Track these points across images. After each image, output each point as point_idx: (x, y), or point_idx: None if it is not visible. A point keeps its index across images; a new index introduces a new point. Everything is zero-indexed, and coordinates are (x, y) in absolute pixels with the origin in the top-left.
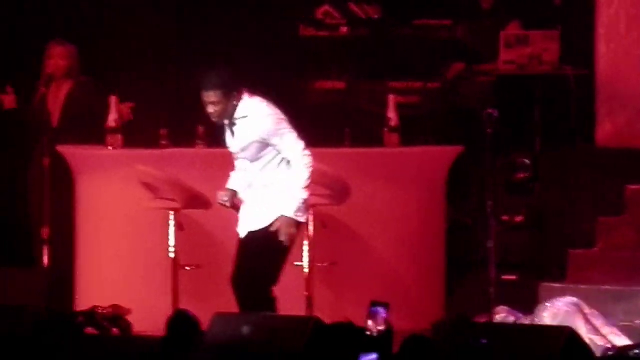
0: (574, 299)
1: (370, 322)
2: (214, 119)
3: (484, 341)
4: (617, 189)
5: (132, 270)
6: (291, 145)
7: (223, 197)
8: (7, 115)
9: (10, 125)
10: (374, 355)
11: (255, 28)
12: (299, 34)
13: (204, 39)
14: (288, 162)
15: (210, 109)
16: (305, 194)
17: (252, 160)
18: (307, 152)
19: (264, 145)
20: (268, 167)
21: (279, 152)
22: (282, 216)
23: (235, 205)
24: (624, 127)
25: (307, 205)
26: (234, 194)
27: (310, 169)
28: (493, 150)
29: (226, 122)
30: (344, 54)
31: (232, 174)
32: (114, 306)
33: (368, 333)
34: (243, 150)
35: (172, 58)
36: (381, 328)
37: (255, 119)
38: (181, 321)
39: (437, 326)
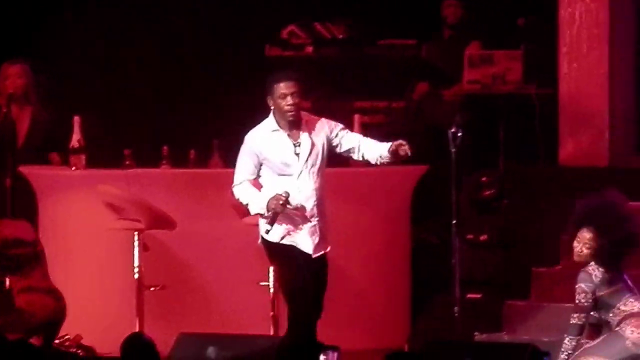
0: None
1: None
2: (293, 112)
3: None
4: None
5: (97, 291)
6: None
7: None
8: None
9: None
10: None
11: (221, 48)
12: (264, 54)
13: (169, 59)
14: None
15: (290, 100)
16: None
17: (320, 169)
18: None
19: (329, 146)
20: (324, 178)
21: (345, 141)
22: None
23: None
24: (587, 145)
25: None
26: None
27: None
28: (458, 169)
29: (289, 136)
30: (310, 73)
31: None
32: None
33: None
34: (316, 157)
35: (137, 78)
36: None
37: (314, 122)
38: (136, 343)
39: (414, 344)
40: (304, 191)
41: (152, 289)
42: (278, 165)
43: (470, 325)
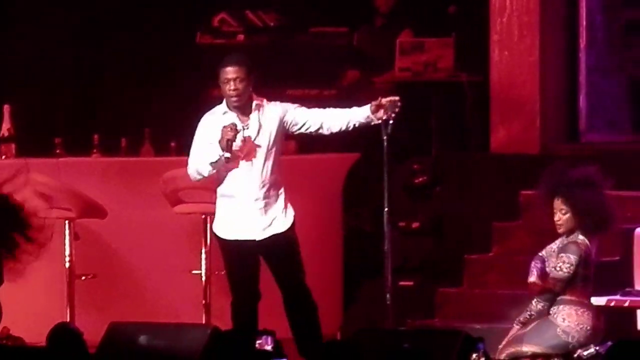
0: None
1: (258, 342)
2: (234, 97)
3: (407, 346)
4: (512, 195)
5: (27, 280)
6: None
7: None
8: None
9: None
10: None
11: (152, 36)
12: (195, 41)
13: (100, 47)
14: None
15: (232, 86)
16: None
17: (269, 154)
18: None
19: (282, 130)
20: (277, 162)
21: (301, 119)
22: None
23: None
24: (518, 133)
25: None
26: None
27: None
28: (390, 156)
29: (237, 118)
30: None
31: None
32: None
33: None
34: (264, 140)
35: (67, 66)
36: (269, 348)
37: (269, 107)
38: (62, 333)
39: (347, 332)
40: (251, 174)
41: (83, 278)
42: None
43: (402, 313)
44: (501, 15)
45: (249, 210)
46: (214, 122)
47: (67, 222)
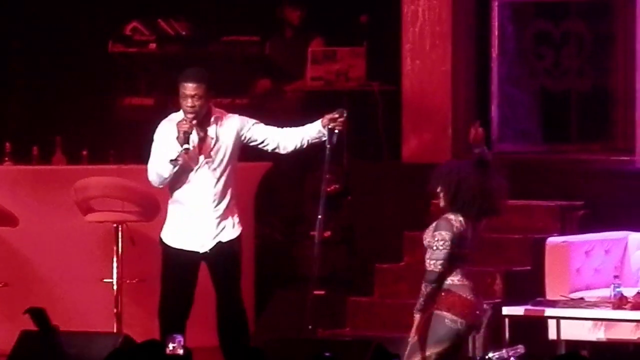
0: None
1: (170, 346)
2: (190, 114)
3: (328, 354)
4: (423, 204)
5: None
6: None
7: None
8: None
9: None
10: None
11: (64, 44)
12: (108, 50)
13: (10, 53)
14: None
15: (190, 103)
16: None
17: (224, 166)
18: None
19: (238, 143)
20: (231, 175)
21: (257, 135)
22: None
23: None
24: (430, 142)
25: None
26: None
27: None
28: (302, 165)
29: (195, 130)
30: (153, 70)
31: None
32: None
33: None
34: (220, 152)
35: None
36: (181, 352)
37: (227, 120)
38: None
39: (258, 341)
40: (201, 185)
41: None
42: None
43: (314, 322)
44: (413, 24)
45: (198, 220)
46: (171, 128)
47: None
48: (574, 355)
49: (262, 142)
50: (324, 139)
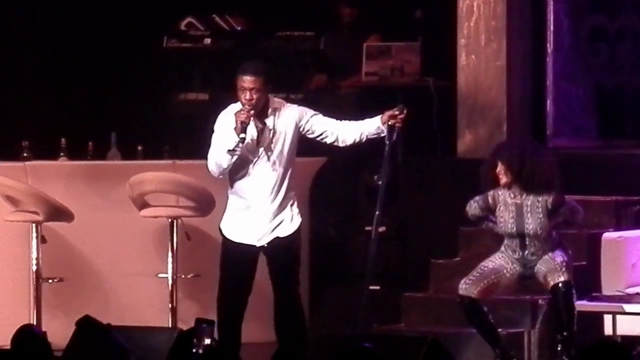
0: None
1: (195, 340)
2: (249, 107)
3: (367, 345)
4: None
5: None
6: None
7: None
8: None
9: None
10: None
11: (119, 40)
12: (162, 45)
13: (67, 50)
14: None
15: (247, 96)
16: None
17: (283, 159)
18: None
19: (298, 135)
20: (290, 167)
21: (316, 127)
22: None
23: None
24: (485, 137)
25: None
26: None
27: None
28: (355, 161)
29: (253, 122)
30: (208, 65)
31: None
32: None
33: (194, 350)
34: (279, 144)
35: (35, 69)
36: (207, 342)
37: (286, 110)
38: (27, 336)
39: (313, 337)
40: (259, 177)
41: (50, 281)
42: None
43: (368, 317)
44: (468, 19)
45: (256, 213)
46: (230, 119)
47: (34, 225)
48: (605, 342)
49: (321, 134)
50: (382, 135)
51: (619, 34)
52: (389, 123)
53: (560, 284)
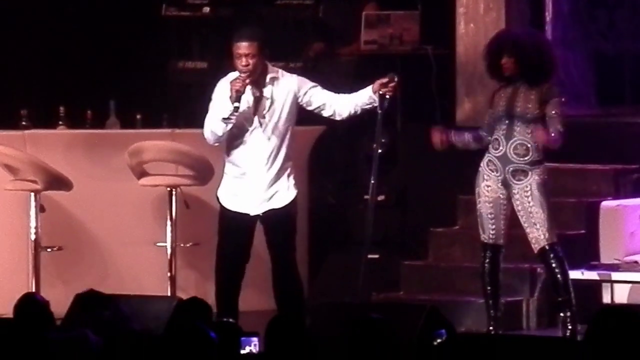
0: None
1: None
2: (244, 74)
3: (376, 316)
4: (477, 168)
5: None
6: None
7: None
8: None
9: None
10: (255, 339)
11: (117, 7)
12: (161, 13)
13: (63, 18)
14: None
15: (244, 62)
16: None
17: (280, 128)
18: None
19: (295, 105)
20: (287, 137)
21: (314, 99)
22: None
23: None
24: (483, 106)
25: None
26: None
27: None
28: (354, 129)
29: (250, 90)
30: (207, 33)
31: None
32: None
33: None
34: (275, 114)
35: (32, 37)
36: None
37: (284, 79)
38: (29, 304)
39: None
40: (255, 146)
41: (48, 250)
42: None
43: (368, 286)
44: None
45: (251, 182)
46: (228, 87)
47: (32, 194)
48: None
49: (319, 107)
50: (375, 104)
51: (618, 1)
52: (380, 92)
53: (546, 247)
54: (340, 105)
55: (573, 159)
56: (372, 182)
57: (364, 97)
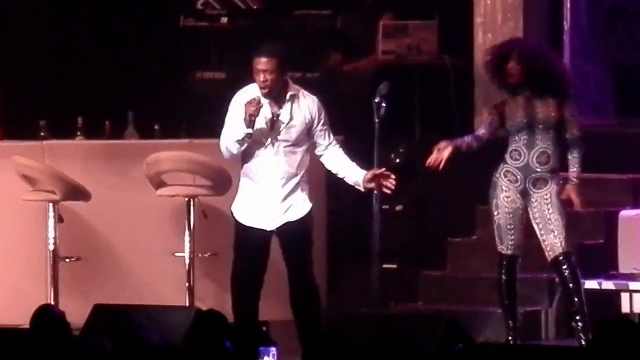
0: None
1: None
2: (263, 89)
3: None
4: None
5: (11, 262)
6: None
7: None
8: None
9: None
10: (274, 349)
11: (136, 18)
12: (179, 25)
13: (84, 29)
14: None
15: (262, 78)
16: None
17: (296, 146)
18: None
19: (309, 129)
20: (303, 153)
21: (317, 137)
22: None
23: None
24: None
25: None
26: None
27: None
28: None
29: (269, 105)
30: (225, 44)
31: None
32: None
33: None
34: (292, 133)
35: (52, 48)
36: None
37: (305, 100)
38: (46, 315)
39: (330, 316)
40: (270, 162)
41: (67, 260)
42: None
43: (386, 296)
44: None
45: (266, 197)
46: (245, 100)
47: (51, 204)
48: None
49: (316, 143)
50: (359, 187)
51: (637, 13)
52: (370, 186)
53: (562, 256)
54: (332, 160)
55: (592, 169)
56: (375, 192)
57: (352, 177)
